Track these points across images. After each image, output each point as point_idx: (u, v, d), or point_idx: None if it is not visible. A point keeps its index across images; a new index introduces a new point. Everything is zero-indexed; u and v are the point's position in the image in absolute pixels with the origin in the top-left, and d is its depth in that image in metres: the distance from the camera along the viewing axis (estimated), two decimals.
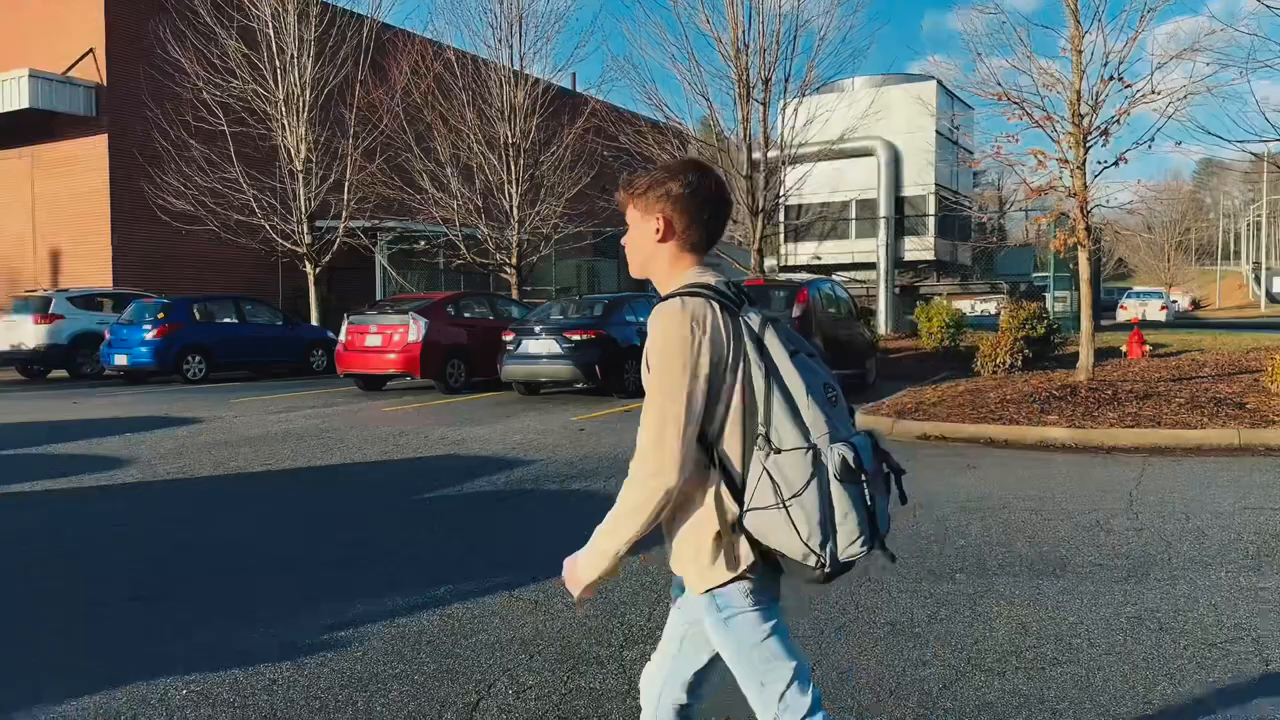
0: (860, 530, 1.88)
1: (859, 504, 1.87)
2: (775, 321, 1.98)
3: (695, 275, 2.03)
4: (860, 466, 1.88)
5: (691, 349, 1.89)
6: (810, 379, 1.93)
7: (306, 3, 21.63)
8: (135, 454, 9.30)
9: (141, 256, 23.57)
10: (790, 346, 1.95)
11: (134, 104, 22.86)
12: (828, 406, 1.93)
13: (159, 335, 16.93)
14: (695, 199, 2.03)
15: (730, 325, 1.93)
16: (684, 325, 1.90)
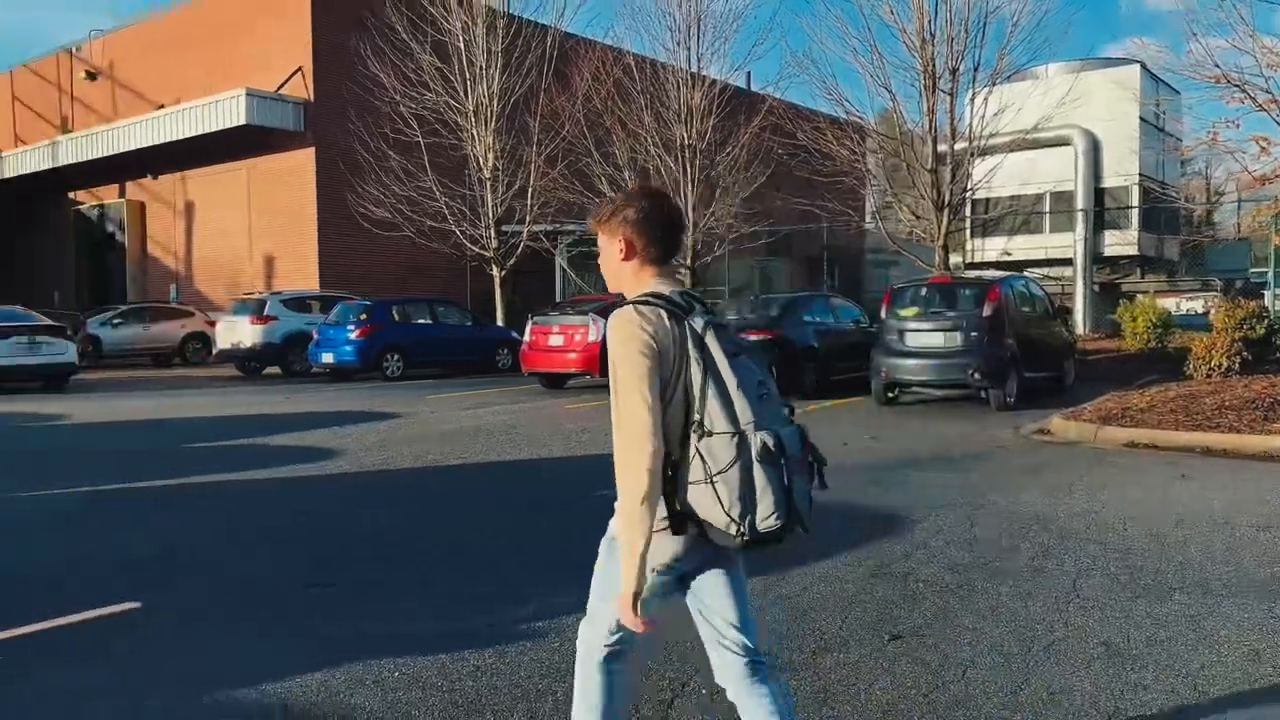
0: (776, 506, 2.17)
1: (776, 483, 2.17)
2: (718, 326, 2.28)
3: (653, 286, 2.36)
4: (780, 451, 2.17)
5: (642, 345, 2.22)
6: (744, 376, 2.24)
7: (494, 16, 22.55)
8: (343, 446, 9.95)
9: (345, 261, 25.25)
10: (729, 348, 2.26)
11: (338, 118, 24.50)
12: (757, 400, 2.22)
13: (361, 335, 18.08)
14: (649, 222, 2.38)
15: (675, 329, 2.25)
16: (634, 326, 2.24)
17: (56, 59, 33.08)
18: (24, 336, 16.40)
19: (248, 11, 26.81)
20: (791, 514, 2.20)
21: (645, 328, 2.23)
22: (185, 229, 29.13)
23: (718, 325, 2.29)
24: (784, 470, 2.18)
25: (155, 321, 24.70)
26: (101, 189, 31.57)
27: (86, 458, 9.58)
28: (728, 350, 2.25)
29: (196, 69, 27.83)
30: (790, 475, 2.20)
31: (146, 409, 14.02)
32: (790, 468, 2.20)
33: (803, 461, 2.27)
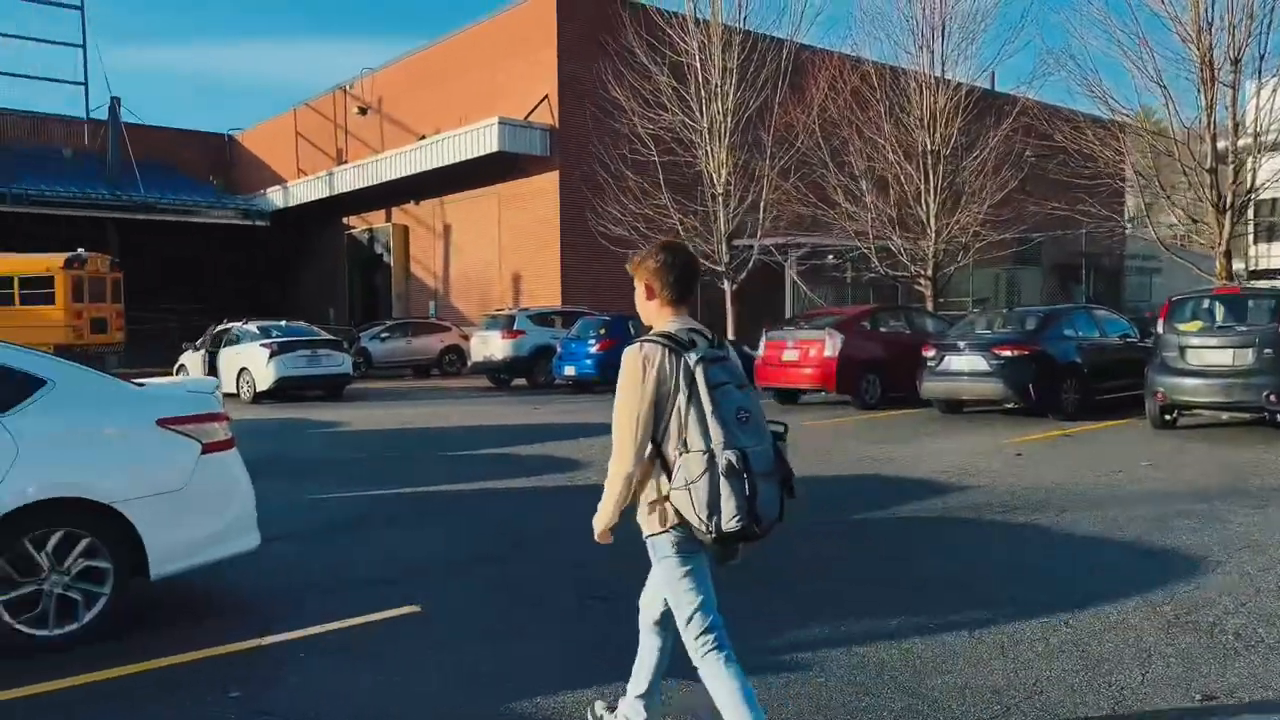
0: (738, 510, 2.72)
1: (739, 493, 2.71)
2: (709, 361, 2.81)
3: (667, 323, 2.95)
4: (743, 466, 2.71)
5: (643, 380, 2.81)
6: (725, 403, 2.76)
7: (731, 33, 22.70)
8: (588, 458, 10.26)
9: (585, 278, 26.23)
10: (716, 380, 2.78)
11: (580, 141, 25.52)
12: (733, 424, 2.76)
13: (601, 349, 18.68)
14: (666, 270, 2.97)
15: (673, 362, 2.81)
16: (638, 363, 2.83)
17: (333, 97, 36.65)
18: (308, 350, 18.20)
19: (499, 45, 28.52)
20: (753, 517, 2.75)
21: (649, 362, 2.83)
22: (443, 250, 31.36)
23: (709, 360, 2.82)
24: (746, 482, 2.71)
25: (416, 336, 26.72)
26: (370, 214, 34.62)
27: (363, 464, 10.43)
28: (714, 381, 2.79)
29: (453, 101, 29.93)
30: (754, 486, 2.72)
31: (411, 417, 15.14)
32: (754, 480, 2.72)
33: (773, 474, 2.82)
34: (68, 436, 4.42)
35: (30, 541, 4.23)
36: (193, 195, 35.49)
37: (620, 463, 2.89)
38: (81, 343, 23.53)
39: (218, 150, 42.99)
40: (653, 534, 2.93)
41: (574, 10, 26.51)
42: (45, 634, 4.26)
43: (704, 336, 2.91)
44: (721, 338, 2.98)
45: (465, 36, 30.30)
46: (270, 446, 11.29)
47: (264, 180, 38.84)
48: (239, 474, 4.98)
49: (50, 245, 26.40)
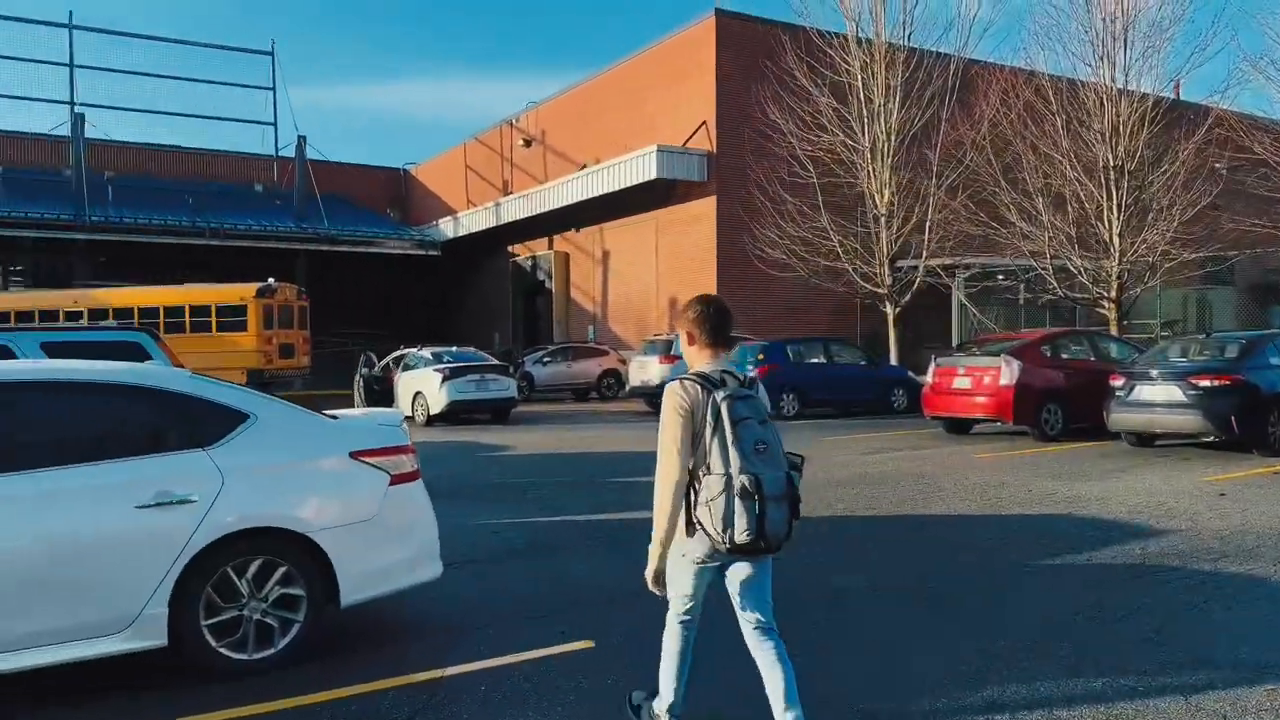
0: (749, 527, 3.21)
1: (750, 512, 3.20)
2: (735, 398, 3.29)
3: (703, 364, 3.47)
4: (756, 490, 3.20)
5: (680, 414, 3.32)
6: (745, 436, 3.24)
7: (894, 51, 22.18)
8: None
9: (741, 301, 26.05)
10: (739, 416, 3.26)
11: (738, 166, 25.48)
12: (752, 454, 3.24)
13: (759, 375, 18.46)
14: (701, 320, 3.51)
15: (705, 399, 3.31)
16: (677, 397, 3.35)
17: (499, 131, 38.09)
18: (477, 375, 18.82)
19: (658, 74, 28.92)
20: (762, 534, 3.24)
21: (684, 399, 3.35)
22: (602, 275, 31.94)
23: (736, 397, 3.32)
24: (757, 503, 3.21)
25: (577, 360, 27.24)
26: (533, 242, 35.68)
27: (531, 489, 10.60)
28: (737, 416, 3.28)
29: (613, 130, 30.53)
30: (764, 507, 3.22)
31: (574, 442, 15.39)
32: (764, 502, 3.22)
33: (784, 498, 3.30)
34: (267, 468, 4.65)
35: (232, 568, 4.47)
36: (371, 227, 37.59)
37: (666, 478, 3.37)
38: (271, 367, 25.23)
39: (394, 184, 45.44)
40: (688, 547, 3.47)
41: (732, 37, 26.58)
42: (244, 658, 4.48)
43: (734, 377, 3.45)
44: (751, 377, 3.52)
45: (625, 68, 30.90)
46: (444, 470, 11.68)
47: (436, 211, 40.74)
48: (424, 505, 5.12)
49: (243, 275, 28.52)
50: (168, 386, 4.66)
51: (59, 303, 26.74)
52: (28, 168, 34.75)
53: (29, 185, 33.69)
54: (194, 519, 4.36)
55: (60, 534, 4.15)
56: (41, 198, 32.39)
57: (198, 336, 24.76)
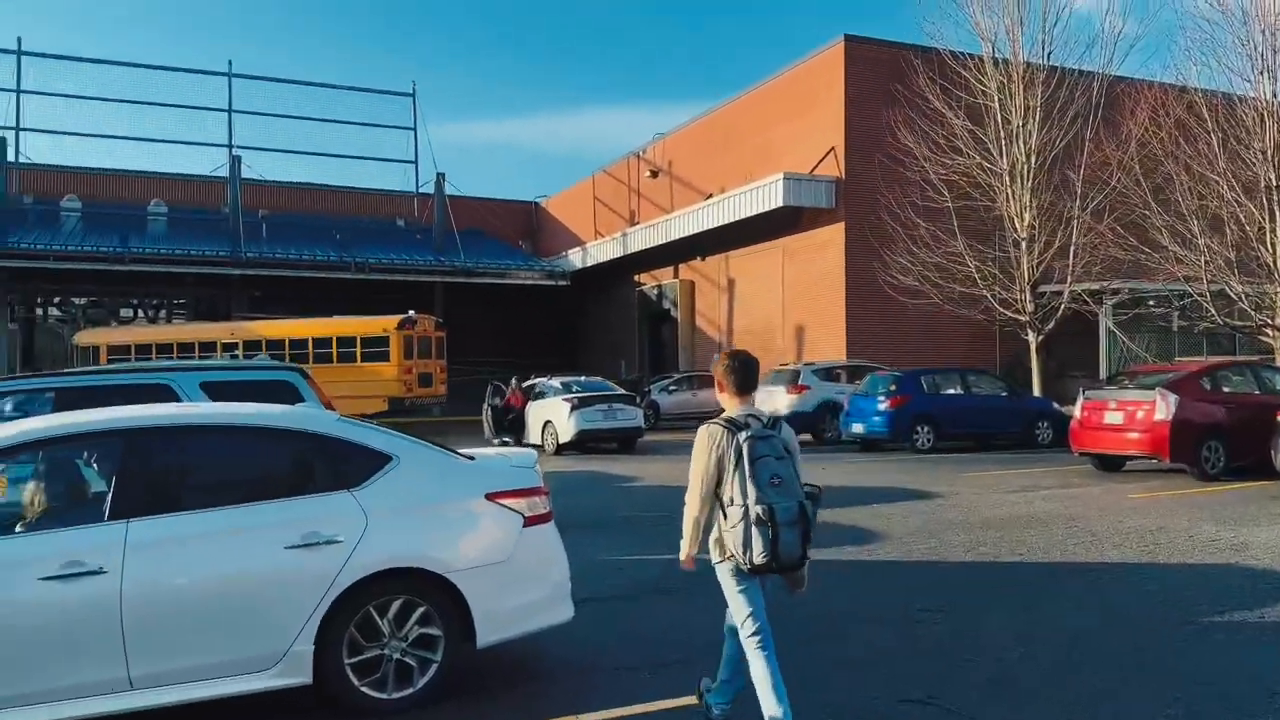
0: (764, 550, 3.86)
1: (764, 537, 3.85)
2: (756, 438, 3.92)
3: (732, 409, 4.11)
4: (769, 519, 3.84)
5: (708, 452, 3.98)
6: (762, 472, 3.87)
7: (1034, 70, 21.41)
8: (886, 529, 9.78)
9: (870, 330, 25.53)
10: (758, 454, 3.88)
11: (867, 191, 25.03)
12: (767, 487, 3.87)
13: (892, 406, 17.97)
14: (730, 370, 4.15)
15: (729, 439, 3.94)
16: (706, 437, 4.01)
17: (627, 163, 38.63)
18: (605, 404, 18.99)
19: (785, 102, 28.77)
20: (775, 556, 3.83)
21: (712, 439, 3.98)
22: (727, 303, 31.85)
23: (757, 437, 3.91)
24: (770, 530, 3.80)
25: (702, 388, 27.15)
26: (659, 270, 35.93)
27: (658, 524, 10.48)
28: (756, 454, 3.87)
29: (739, 159, 30.51)
30: (777, 533, 3.80)
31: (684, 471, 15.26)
32: (777, 529, 3.80)
33: (796, 525, 3.86)
34: (408, 510, 4.76)
35: (374, 608, 4.58)
36: (504, 259, 38.68)
37: (690, 509, 4.11)
38: (411, 395, 26.20)
39: (525, 216, 46.68)
40: (716, 561, 4.14)
41: (862, 62, 26.22)
42: (384, 697, 4.58)
43: (758, 419, 4.04)
44: (776, 418, 4.15)
45: (751, 97, 30.88)
46: (573, 501, 11.77)
47: (565, 242, 41.58)
48: (556, 546, 5.15)
49: (386, 306, 29.77)
50: (317, 429, 4.84)
51: (217, 335, 28.52)
52: (190, 207, 37.30)
53: (191, 224, 36.16)
54: (340, 559, 4.49)
55: (218, 573, 4.35)
56: (202, 236, 34.72)
57: (344, 366, 25.97)
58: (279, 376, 7.50)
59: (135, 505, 4.33)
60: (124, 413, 4.78)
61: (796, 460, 4.04)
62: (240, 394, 7.19)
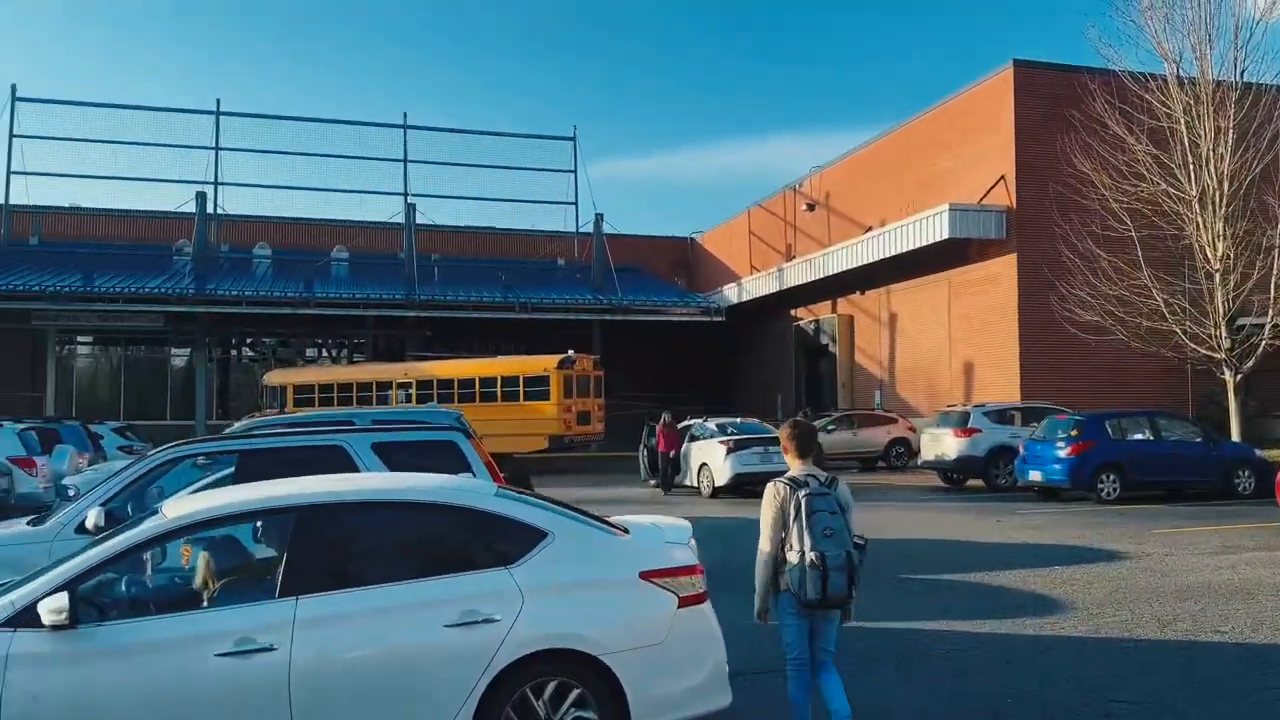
0: (817, 590, 4.70)
1: (816, 579, 4.69)
2: (814, 495, 4.81)
3: (795, 469, 5.01)
4: (821, 565, 4.68)
5: (774, 505, 4.89)
6: (817, 523, 4.74)
7: (1224, 89, 19.87)
8: (1068, 595, 9.09)
9: (1046, 368, 24.16)
10: (814, 509, 4.76)
11: (1041, 221, 23.81)
12: (821, 537, 4.72)
13: (1073, 453, 16.84)
14: (791, 438, 5.07)
15: (791, 495, 4.84)
16: (771, 494, 4.92)
17: (783, 196, 38.34)
18: (760, 447, 18.68)
19: (949, 131, 27.87)
20: (826, 595, 4.71)
21: (777, 495, 4.86)
22: (888, 339, 30.94)
23: (815, 494, 4.79)
24: (822, 573, 4.67)
25: (862, 427, 26.40)
26: (816, 305, 35.34)
27: None
28: (813, 509, 4.74)
29: (901, 190, 29.74)
30: (827, 575, 4.68)
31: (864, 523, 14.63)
32: (828, 572, 4.68)
33: (844, 569, 4.72)
34: (564, 588, 4.72)
35: (530, 689, 4.54)
36: (660, 295, 39.02)
37: (761, 552, 4.97)
38: (570, 433, 26.68)
39: (680, 252, 47.03)
40: (778, 593, 4.93)
41: (1032, 86, 25.11)
42: None
43: (817, 479, 4.90)
44: (833, 478, 4.98)
45: (912, 127, 30.10)
46: (727, 551, 11.50)
47: (720, 277, 41.59)
48: (712, 627, 4.98)
49: (548, 344, 30.57)
50: (475, 505, 4.88)
51: (392, 375, 29.98)
52: (369, 252, 39.56)
53: (370, 268, 38.31)
54: (497, 638, 4.49)
55: (380, 652, 4.42)
56: (380, 279, 36.72)
57: (507, 405, 26.77)
58: (444, 437, 7.70)
59: (303, 582, 4.46)
60: (294, 489, 4.96)
61: (849, 515, 4.93)
62: (408, 455, 7.41)
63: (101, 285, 31.95)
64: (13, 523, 7.18)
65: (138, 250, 36.32)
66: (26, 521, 6.72)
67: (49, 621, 4.08)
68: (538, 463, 26.78)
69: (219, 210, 37.63)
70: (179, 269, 35.64)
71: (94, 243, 36.82)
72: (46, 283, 31.68)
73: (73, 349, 37.80)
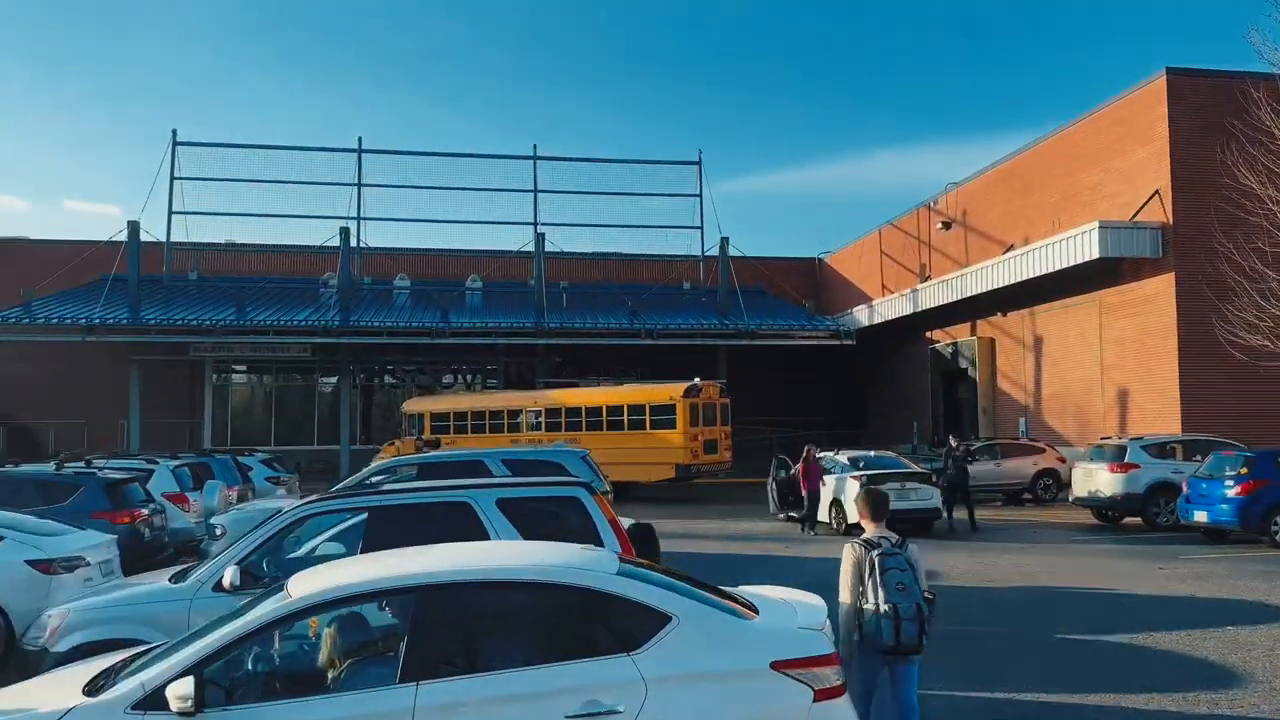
0: (891, 638, 5.43)
1: (889, 627, 5.42)
2: (886, 554, 5.54)
3: (869, 532, 5.82)
4: (894, 614, 5.42)
5: (852, 563, 5.64)
6: (890, 580, 5.45)
7: None
8: (1245, 665, 8.23)
9: (1210, 397, 22.40)
10: (886, 566, 5.49)
11: (1201, 238, 22.19)
12: (894, 590, 5.45)
13: (1243, 491, 15.48)
14: (865, 504, 5.99)
15: (865, 554, 5.59)
16: (849, 553, 5.69)
17: (916, 214, 37.14)
18: (897, 483, 17.86)
19: (1096, 144, 26.38)
20: (899, 642, 5.42)
21: (854, 554, 5.65)
22: (1033, 363, 29.41)
23: (886, 553, 5.56)
24: (894, 623, 5.38)
25: (1006, 457, 25.05)
26: (954, 327, 33.98)
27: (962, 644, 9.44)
28: (885, 567, 5.50)
29: (1044, 207, 28.33)
30: (899, 625, 5.39)
31: (1010, 569, 13.88)
32: (900, 622, 5.39)
33: (915, 619, 5.42)
34: (689, 677, 4.46)
35: None
36: (787, 319, 38.37)
37: (841, 604, 5.61)
38: (697, 462, 26.42)
39: (808, 273, 46.20)
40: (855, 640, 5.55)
41: (1188, 95, 23.50)
42: None
43: (889, 540, 5.67)
44: (903, 540, 5.73)
45: (1058, 139, 28.63)
46: None
47: (850, 299, 40.58)
48: None
49: (674, 370, 30.44)
50: (597, 586, 4.68)
51: (521, 403, 30.46)
52: (501, 280, 40.46)
53: (502, 296, 39.19)
54: None
55: None
56: (511, 308, 37.50)
57: (634, 433, 26.75)
58: (568, 493, 7.58)
59: (424, 666, 4.36)
60: (415, 566, 4.88)
61: (919, 572, 5.63)
62: (533, 511, 7.34)
63: (253, 318, 33.74)
64: (158, 576, 7.44)
65: (286, 283, 38.22)
66: (170, 577, 6.93)
67: (176, 708, 4.10)
68: (663, 490, 26.66)
69: (361, 244, 39.24)
70: (325, 301, 37.30)
71: (247, 277, 38.98)
72: (204, 317, 33.68)
73: (228, 377, 40.04)
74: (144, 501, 12.76)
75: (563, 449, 14.17)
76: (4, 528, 9.01)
